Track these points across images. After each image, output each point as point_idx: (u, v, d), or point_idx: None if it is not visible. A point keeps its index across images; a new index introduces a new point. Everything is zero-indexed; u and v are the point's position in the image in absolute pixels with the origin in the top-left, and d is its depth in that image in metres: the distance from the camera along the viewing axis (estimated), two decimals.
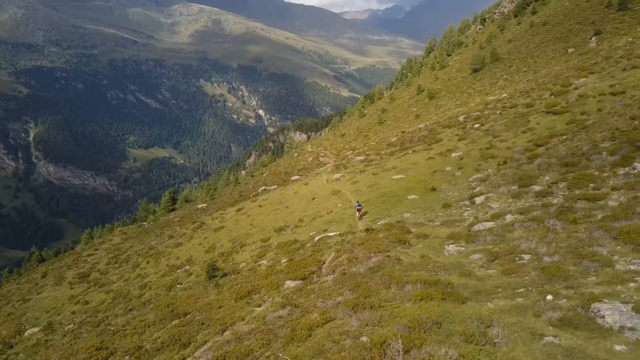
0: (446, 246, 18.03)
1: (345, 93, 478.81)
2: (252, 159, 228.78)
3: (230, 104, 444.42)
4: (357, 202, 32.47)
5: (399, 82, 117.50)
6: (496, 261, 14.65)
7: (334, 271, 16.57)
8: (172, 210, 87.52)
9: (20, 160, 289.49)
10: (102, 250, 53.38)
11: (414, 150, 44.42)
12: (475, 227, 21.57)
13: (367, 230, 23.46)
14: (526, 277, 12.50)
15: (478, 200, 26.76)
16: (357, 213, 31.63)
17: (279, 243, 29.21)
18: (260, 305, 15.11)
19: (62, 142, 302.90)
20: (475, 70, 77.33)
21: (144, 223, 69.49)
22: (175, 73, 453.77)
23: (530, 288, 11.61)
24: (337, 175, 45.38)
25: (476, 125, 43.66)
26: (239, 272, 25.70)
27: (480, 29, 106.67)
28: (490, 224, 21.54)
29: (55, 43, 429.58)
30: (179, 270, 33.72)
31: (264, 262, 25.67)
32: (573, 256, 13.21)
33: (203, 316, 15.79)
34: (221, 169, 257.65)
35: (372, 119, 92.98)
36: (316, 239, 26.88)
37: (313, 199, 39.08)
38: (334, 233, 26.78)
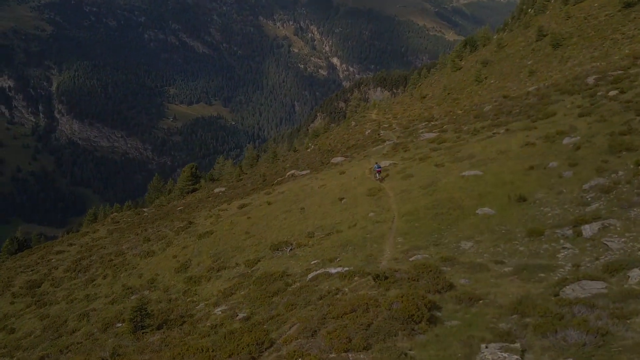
0: (484, 347, 11.95)
1: (450, 36, 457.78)
2: (317, 123, 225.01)
3: (296, 50, 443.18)
4: (377, 163, 36.58)
5: (513, 23, 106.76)
6: None
7: None
8: (193, 190, 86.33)
9: (41, 115, 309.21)
10: (77, 247, 52.27)
11: (507, 129, 37.74)
12: (566, 292, 15.24)
13: (376, 277, 17.86)
14: None
15: (588, 229, 20.06)
16: (377, 175, 35.36)
17: (262, 274, 24.73)
18: None
19: (89, 94, 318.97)
20: (629, 5, 66.99)
21: (144, 209, 68.24)
22: (228, 8, 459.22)
23: None
24: (387, 163, 40.25)
25: (612, 93, 36.14)
26: (182, 323, 21.44)
27: None
28: (595, 288, 15.15)
29: None
30: (133, 297, 30.54)
31: (219, 310, 21.25)
32: None
33: None
34: (278, 135, 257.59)
35: (468, 75, 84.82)
36: (310, 276, 22.17)
37: (340, 199, 34.09)
38: (339, 269, 21.75)
